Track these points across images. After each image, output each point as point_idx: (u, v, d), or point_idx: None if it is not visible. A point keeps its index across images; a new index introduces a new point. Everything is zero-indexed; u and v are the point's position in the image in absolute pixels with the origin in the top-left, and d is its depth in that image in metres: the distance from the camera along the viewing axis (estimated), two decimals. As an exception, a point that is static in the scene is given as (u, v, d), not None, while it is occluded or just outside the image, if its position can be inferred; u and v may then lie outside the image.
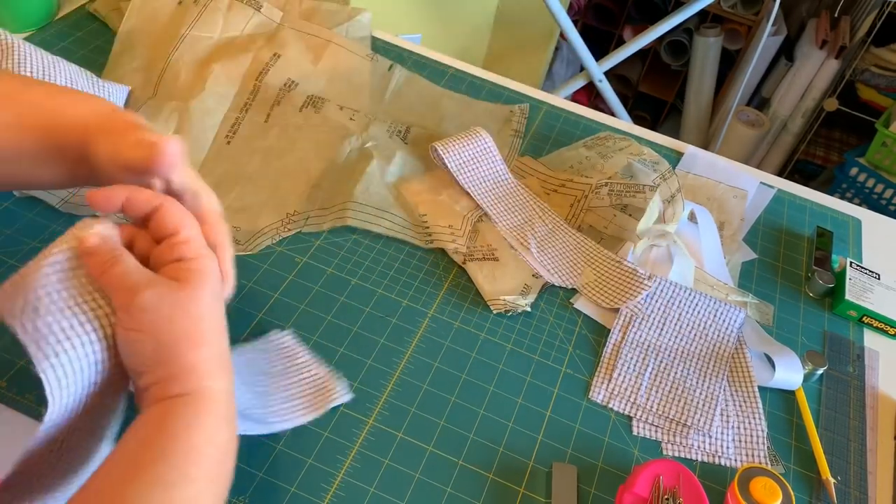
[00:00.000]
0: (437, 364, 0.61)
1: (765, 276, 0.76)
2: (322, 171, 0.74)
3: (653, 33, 1.72)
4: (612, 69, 1.81)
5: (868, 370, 0.68)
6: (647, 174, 0.76)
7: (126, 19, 0.83)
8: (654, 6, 2.21)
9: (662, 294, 0.68)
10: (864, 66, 2.02)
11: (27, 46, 0.68)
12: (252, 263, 0.65)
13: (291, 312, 0.62)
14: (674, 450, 0.59)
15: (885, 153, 1.82)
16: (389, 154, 0.76)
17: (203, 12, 0.83)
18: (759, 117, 2.17)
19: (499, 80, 0.94)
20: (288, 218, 0.69)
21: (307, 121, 0.79)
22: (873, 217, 0.87)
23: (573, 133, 0.88)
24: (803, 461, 0.60)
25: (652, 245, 0.73)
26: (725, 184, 0.84)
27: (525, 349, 0.64)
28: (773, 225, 0.82)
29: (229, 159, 0.74)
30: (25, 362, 0.54)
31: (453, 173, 0.74)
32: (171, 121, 0.74)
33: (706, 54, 2.14)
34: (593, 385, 0.62)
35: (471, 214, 0.73)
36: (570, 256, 0.72)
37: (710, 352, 0.66)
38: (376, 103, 0.85)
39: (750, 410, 0.62)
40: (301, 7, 0.89)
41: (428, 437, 0.56)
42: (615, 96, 1.79)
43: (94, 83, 0.71)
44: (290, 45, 0.84)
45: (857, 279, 0.74)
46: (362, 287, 0.66)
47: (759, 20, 2.08)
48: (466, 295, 0.67)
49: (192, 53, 0.80)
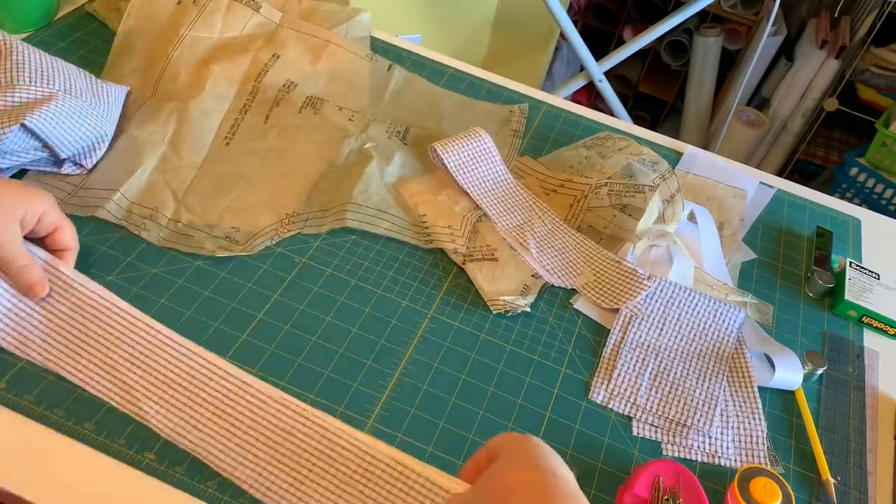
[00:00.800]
0: (436, 365, 0.61)
1: (764, 276, 0.76)
2: (321, 172, 0.74)
3: (653, 33, 1.72)
4: (612, 69, 1.80)
5: (868, 370, 0.68)
6: (646, 174, 0.76)
7: (125, 19, 0.83)
8: (654, 6, 2.20)
9: (662, 294, 0.68)
10: (864, 66, 2.02)
11: (26, 47, 0.68)
12: (251, 264, 0.65)
13: (291, 313, 0.62)
14: (674, 450, 0.59)
15: (885, 153, 1.81)
16: (389, 154, 0.76)
17: (202, 13, 0.83)
18: (759, 117, 2.17)
19: (498, 80, 0.94)
20: (287, 219, 0.69)
21: (306, 121, 0.79)
22: (873, 217, 0.87)
23: (573, 133, 0.88)
24: (803, 461, 0.60)
25: (651, 245, 0.73)
26: (725, 184, 0.84)
27: (525, 349, 0.64)
28: (772, 225, 0.82)
29: (228, 160, 0.74)
30: (25, 363, 0.54)
31: (452, 173, 0.74)
32: (171, 121, 0.74)
33: (706, 54, 2.14)
34: (593, 385, 0.62)
35: (470, 215, 0.73)
36: (569, 257, 0.72)
37: (710, 352, 0.66)
38: (375, 104, 0.85)
39: (750, 411, 0.62)
40: (300, 7, 0.89)
41: (428, 437, 0.56)
42: (615, 96, 1.79)
43: (93, 83, 0.71)
44: (290, 46, 0.84)
45: (856, 279, 0.74)
46: (362, 287, 0.66)
47: (759, 20, 2.08)
48: (466, 295, 0.67)
49: (192, 54, 0.80)
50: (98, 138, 0.69)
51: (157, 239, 0.65)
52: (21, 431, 0.51)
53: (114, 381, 0.54)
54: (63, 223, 0.56)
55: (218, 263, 0.65)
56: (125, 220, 0.66)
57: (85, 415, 0.52)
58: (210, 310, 0.61)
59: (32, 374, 0.54)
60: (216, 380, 0.54)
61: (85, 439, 0.51)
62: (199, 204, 0.69)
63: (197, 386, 0.54)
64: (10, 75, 0.65)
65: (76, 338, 0.55)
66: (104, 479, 0.50)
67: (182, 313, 0.60)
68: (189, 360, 0.55)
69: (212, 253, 0.65)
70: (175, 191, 0.69)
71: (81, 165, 0.68)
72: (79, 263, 0.59)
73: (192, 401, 0.53)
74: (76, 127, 0.66)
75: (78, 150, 0.67)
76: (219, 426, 0.52)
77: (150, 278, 0.62)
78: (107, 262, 0.62)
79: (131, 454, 0.51)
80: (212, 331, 0.59)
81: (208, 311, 0.61)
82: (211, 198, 0.70)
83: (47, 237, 0.57)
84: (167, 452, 0.51)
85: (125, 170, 0.69)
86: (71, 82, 0.69)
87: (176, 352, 0.55)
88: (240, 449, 0.51)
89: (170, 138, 0.73)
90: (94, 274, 0.60)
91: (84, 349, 0.55)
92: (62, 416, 0.52)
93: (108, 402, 0.53)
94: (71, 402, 0.53)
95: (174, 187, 0.69)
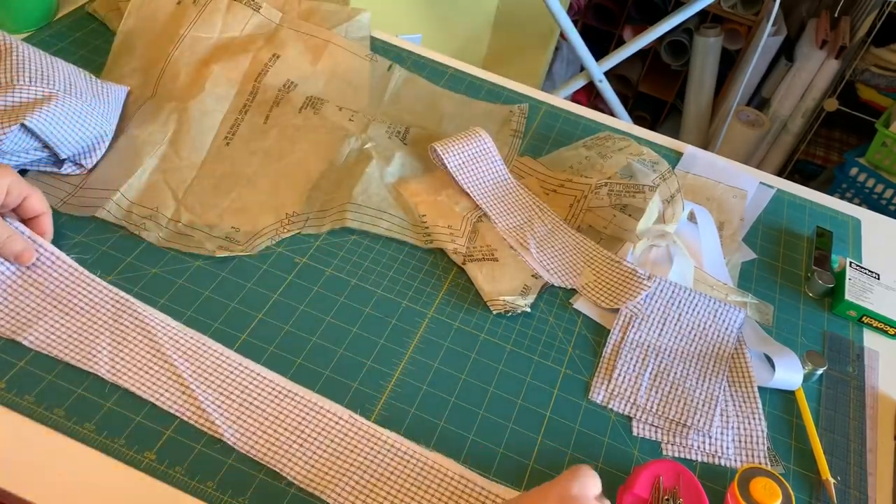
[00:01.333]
0: (436, 365, 0.61)
1: (764, 277, 0.76)
2: (321, 172, 0.74)
3: (653, 33, 1.72)
4: (612, 69, 1.80)
5: (868, 370, 0.68)
6: (646, 174, 0.76)
7: (125, 19, 0.83)
8: (654, 6, 2.20)
9: (662, 294, 0.68)
10: (864, 66, 2.01)
11: (26, 47, 0.68)
12: (251, 264, 0.65)
13: (291, 313, 0.62)
14: (674, 450, 0.59)
15: (885, 153, 1.81)
16: (388, 155, 0.76)
17: (202, 13, 0.83)
18: (759, 117, 2.17)
19: (498, 80, 0.94)
20: (287, 219, 0.69)
21: (306, 122, 0.79)
22: (873, 217, 0.87)
23: (573, 133, 0.88)
24: (803, 461, 0.60)
25: (651, 245, 0.73)
26: (725, 184, 0.84)
27: (525, 350, 0.64)
28: (772, 225, 0.82)
29: (228, 160, 0.74)
30: (25, 363, 0.54)
31: (452, 174, 0.74)
32: (171, 121, 0.74)
33: (706, 54, 2.13)
34: (593, 385, 0.62)
35: (470, 215, 0.73)
36: (569, 257, 0.72)
37: (710, 352, 0.66)
38: (375, 104, 0.85)
39: (750, 411, 0.62)
40: (300, 7, 0.89)
41: (427, 438, 0.56)
42: (615, 96, 1.79)
43: (93, 83, 0.71)
44: (289, 46, 0.84)
45: (856, 279, 0.74)
46: (362, 288, 0.66)
47: (759, 20, 2.08)
48: (466, 295, 0.67)
49: (192, 54, 0.80)
50: (98, 138, 0.69)
51: (157, 239, 0.65)
52: (21, 431, 0.51)
53: (75, 349, 0.56)
54: (31, 191, 0.59)
55: (218, 263, 0.65)
56: (125, 220, 0.66)
57: (85, 415, 0.52)
58: (210, 310, 0.61)
59: (32, 374, 0.54)
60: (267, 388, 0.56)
61: (85, 439, 0.51)
62: (199, 204, 0.69)
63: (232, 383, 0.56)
64: (10, 75, 0.65)
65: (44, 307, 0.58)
66: (104, 479, 0.50)
67: (182, 313, 0.60)
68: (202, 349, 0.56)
69: (212, 253, 0.65)
70: (175, 191, 0.69)
71: (81, 165, 0.68)
72: (78, 263, 0.59)
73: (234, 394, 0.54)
74: (76, 127, 0.66)
75: (78, 150, 0.67)
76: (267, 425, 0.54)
77: (150, 278, 0.62)
78: (107, 262, 0.62)
79: (131, 454, 0.51)
80: (212, 331, 0.59)
81: (208, 311, 0.61)
82: (211, 198, 0.70)
83: (18, 207, 0.59)
84: (167, 452, 0.51)
85: (125, 170, 0.69)
86: (71, 82, 0.69)
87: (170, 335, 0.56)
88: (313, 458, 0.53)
89: (170, 138, 0.73)
90: (94, 274, 0.60)
91: (42, 314, 0.57)
92: (62, 416, 0.52)
93: (93, 375, 0.54)
94: (71, 402, 0.53)
95: (174, 187, 0.69)
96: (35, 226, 0.60)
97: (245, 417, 0.54)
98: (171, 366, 0.55)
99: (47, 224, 0.60)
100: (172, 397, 0.54)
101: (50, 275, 0.59)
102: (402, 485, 0.52)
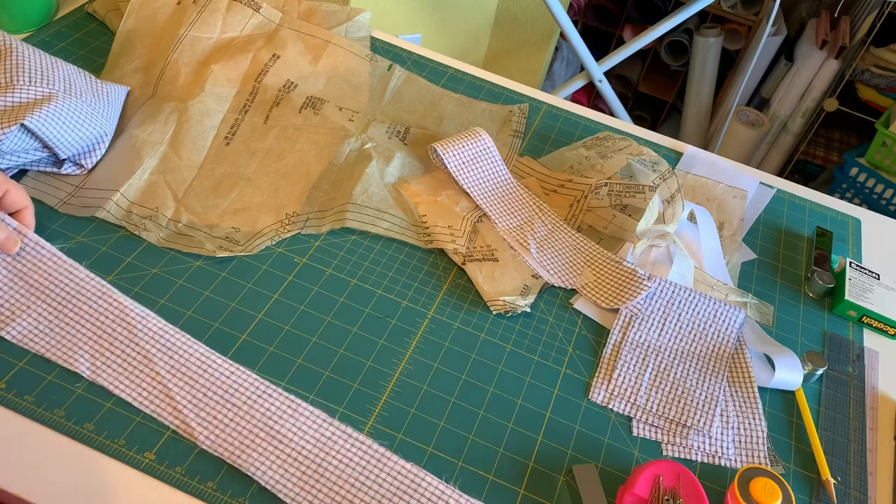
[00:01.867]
0: (436, 365, 0.61)
1: (764, 277, 0.76)
2: (321, 172, 0.74)
3: (653, 33, 1.71)
4: (612, 69, 1.81)
5: (868, 370, 0.68)
6: (646, 174, 0.76)
7: (125, 20, 0.83)
8: (654, 6, 2.20)
9: (662, 294, 0.68)
10: (864, 67, 2.01)
11: (26, 47, 0.68)
12: (251, 264, 0.65)
13: (291, 313, 0.62)
14: (674, 450, 0.59)
15: (885, 153, 1.81)
16: (388, 155, 0.76)
17: (202, 13, 0.83)
18: (759, 117, 2.17)
19: (498, 80, 0.94)
20: (287, 219, 0.69)
21: (306, 122, 0.79)
22: (873, 217, 0.87)
23: (573, 133, 0.88)
24: (803, 461, 0.60)
25: (651, 245, 0.73)
26: (725, 184, 0.84)
27: (525, 350, 0.64)
28: (772, 225, 0.82)
29: (228, 160, 0.74)
30: (25, 363, 0.54)
31: (452, 174, 0.74)
32: (170, 121, 0.74)
33: (706, 54, 2.13)
34: (593, 386, 0.62)
35: (470, 215, 0.73)
36: (569, 257, 0.72)
37: (710, 352, 0.66)
38: (375, 104, 0.85)
39: (750, 411, 0.62)
40: (300, 7, 0.89)
41: (427, 438, 0.56)
42: (615, 96, 1.79)
43: (93, 83, 0.71)
44: (289, 46, 0.84)
45: (856, 279, 0.74)
46: (362, 288, 0.66)
47: (759, 20, 2.08)
48: (466, 296, 0.67)
49: (192, 54, 0.80)
50: (98, 138, 0.69)
51: (157, 239, 0.65)
52: (21, 431, 0.51)
53: (56, 339, 0.56)
54: (10, 185, 0.59)
55: (218, 263, 0.65)
56: (125, 220, 0.66)
57: (85, 415, 0.52)
58: (210, 310, 0.61)
59: (32, 374, 0.54)
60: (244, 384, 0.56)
61: (85, 439, 0.51)
62: (199, 204, 0.69)
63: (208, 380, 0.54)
64: (10, 75, 0.65)
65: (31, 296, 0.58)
66: (104, 479, 0.50)
67: (182, 313, 0.60)
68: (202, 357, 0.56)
69: (212, 253, 0.65)
70: (175, 191, 0.69)
71: (81, 165, 0.68)
72: (79, 264, 0.59)
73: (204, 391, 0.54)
74: (76, 127, 0.66)
75: (78, 150, 0.67)
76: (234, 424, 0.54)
77: (150, 278, 0.62)
78: (107, 262, 0.62)
79: (131, 454, 0.51)
80: (212, 331, 0.59)
81: (208, 311, 0.61)
82: (211, 198, 0.70)
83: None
84: (167, 452, 0.51)
85: (125, 170, 0.69)
86: (71, 82, 0.69)
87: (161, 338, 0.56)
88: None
89: (170, 138, 0.73)
90: (94, 274, 0.60)
91: (38, 306, 0.57)
92: (62, 416, 0.52)
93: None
94: (71, 402, 0.53)
95: (174, 187, 0.69)
96: (17, 220, 0.60)
97: (221, 417, 0.53)
98: (150, 362, 0.55)
99: (29, 218, 0.61)
100: (150, 397, 0.54)
101: (34, 265, 0.59)
102: (377, 490, 0.52)
